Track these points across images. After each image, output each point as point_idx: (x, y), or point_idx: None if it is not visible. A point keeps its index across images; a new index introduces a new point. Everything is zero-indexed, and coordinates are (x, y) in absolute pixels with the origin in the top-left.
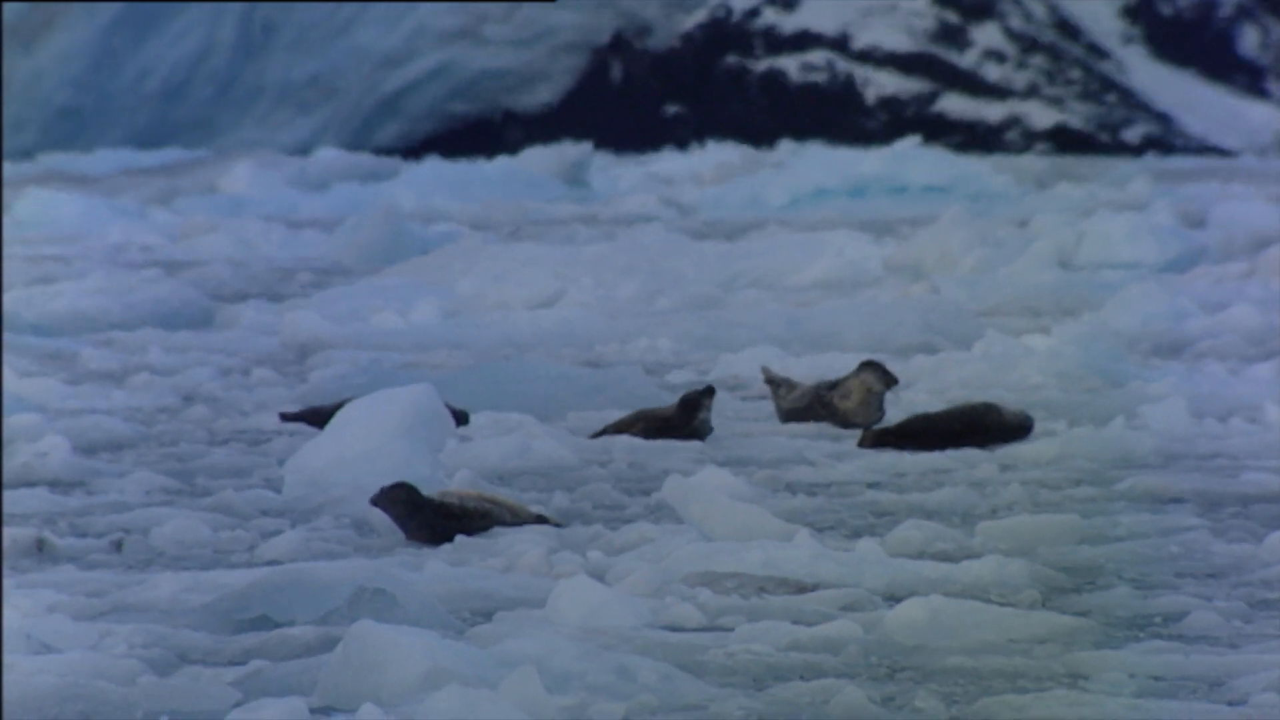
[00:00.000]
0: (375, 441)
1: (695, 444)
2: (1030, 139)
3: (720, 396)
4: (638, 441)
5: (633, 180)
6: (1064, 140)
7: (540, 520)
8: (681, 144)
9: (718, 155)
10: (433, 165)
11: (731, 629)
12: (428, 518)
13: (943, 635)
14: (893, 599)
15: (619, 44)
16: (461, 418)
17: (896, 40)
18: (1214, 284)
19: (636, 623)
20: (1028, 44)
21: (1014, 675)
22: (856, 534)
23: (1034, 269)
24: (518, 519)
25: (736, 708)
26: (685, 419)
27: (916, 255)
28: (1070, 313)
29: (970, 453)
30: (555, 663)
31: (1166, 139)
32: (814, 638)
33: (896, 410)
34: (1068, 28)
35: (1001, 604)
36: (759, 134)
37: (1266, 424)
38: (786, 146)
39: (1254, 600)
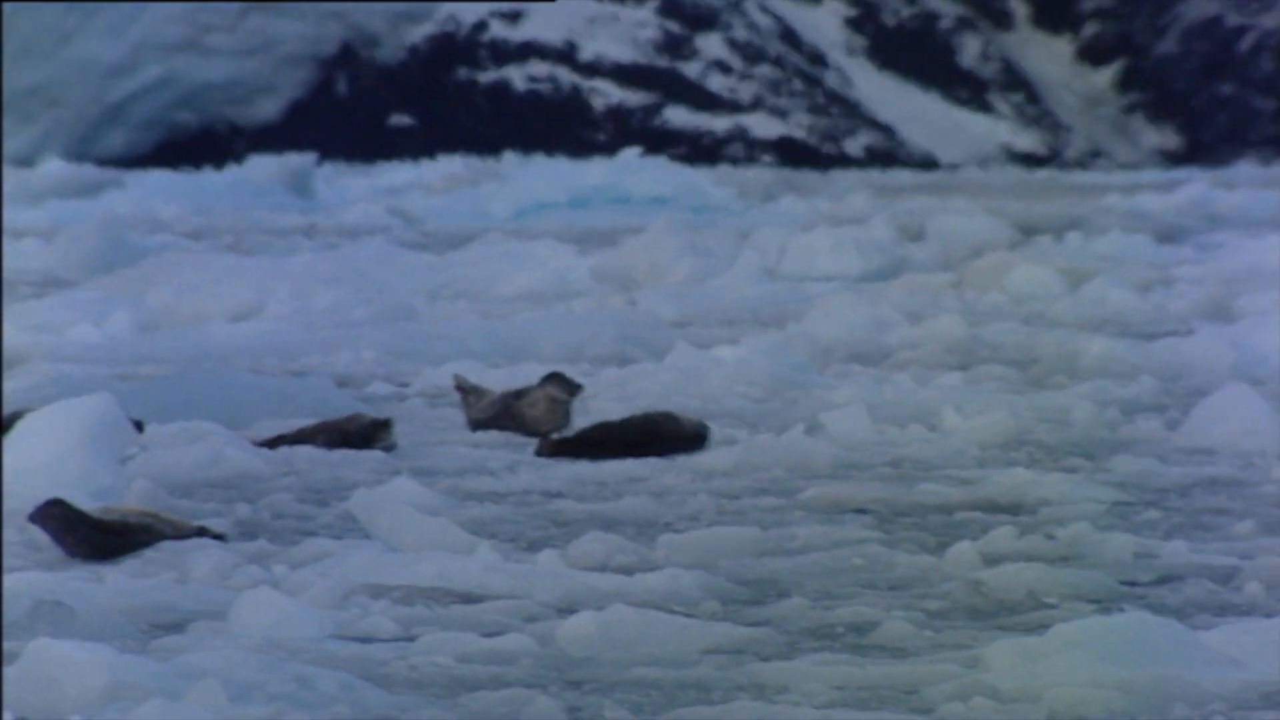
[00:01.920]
0: (53, 453)
1: (381, 455)
2: (755, 150)
3: (413, 406)
4: (323, 453)
5: (359, 191)
6: (788, 152)
7: (203, 533)
8: (409, 155)
9: (445, 167)
10: (157, 176)
11: (411, 640)
12: (85, 533)
13: (618, 647)
14: (568, 611)
15: (346, 56)
16: (137, 427)
17: (621, 51)
18: (920, 295)
19: (318, 634)
20: (752, 55)
21: (699, 686)
22: (539, 545)
23: (740, 280)
24: (180, 533)
25: (429, 718)
26: (364, 443)
27: (625, 266)
28: (768, 323)
29: (654, 462)
30: (237, 675)
31: (890, 151)
32: (488, 650)
33: (585, 419)
34: (792, 39)
35: (681, 615)
36: (486, 145)
37: (945, 431)
38: (512, 158)
39: (936, 611)
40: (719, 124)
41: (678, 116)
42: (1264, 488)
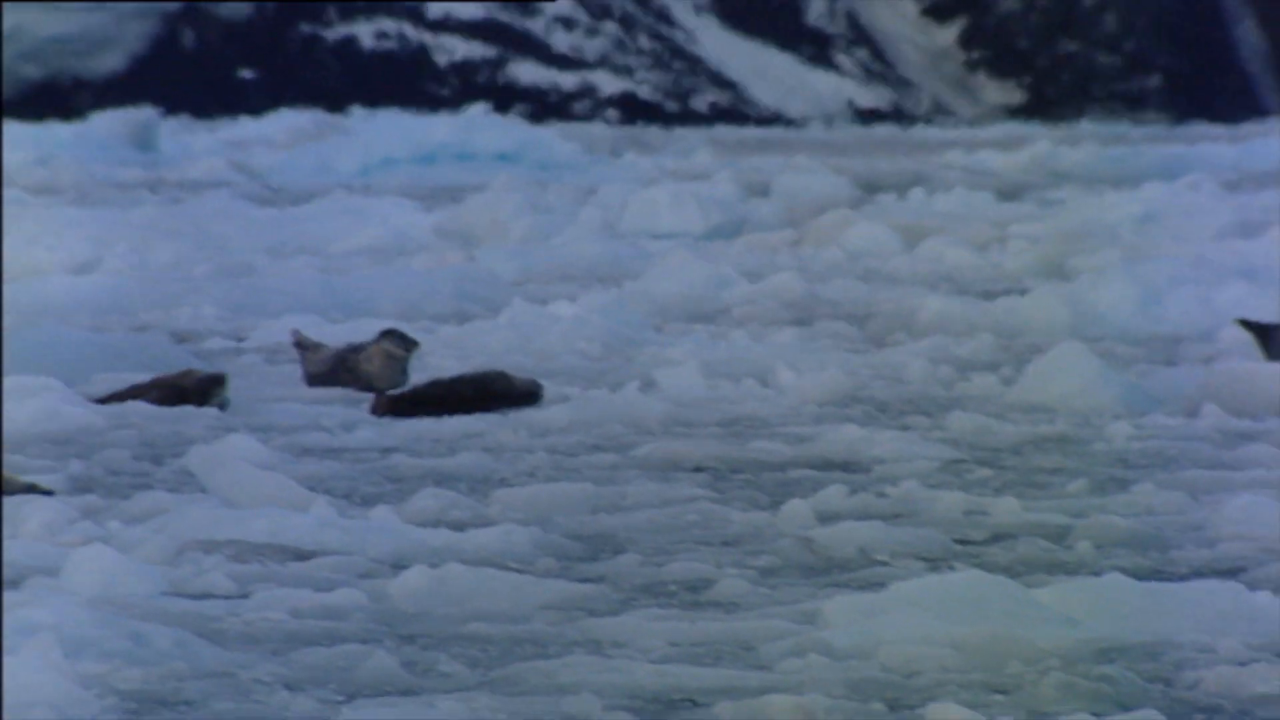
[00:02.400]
0: None
1: (216, 411)
2: (600, 107)
3: (250, 361)
4: (159, 409)
5: (204, 145)
6: (633, 108)
7: (32, 489)
8: (255, 110)
9: (290, 121)
10: None
11: (245, 596)
12: None
13: (451, 603)
14: (402, 567)
15: (191, 9)
16: None
17: (467, 7)
18: (760, 252)
19: (152, 590)
20: (598, 11)
21: (534, 642)
22: (373, 501)
23: (581, 238)
24: (9, 489)
25: (265, 674)
26: (198, 399)
27: (467, 223)
28: (606, 281)
29: (489, 418)
30: (71, 631)
31: (736, 108)
32: (321, 606)
33: (423, 375)
34: None
35: (515, 571)
36: (333, 100)
37: (780, 388)
38: (359, 113)
39: (770, 568)
40: (565, 80)
41: (524, 72)
42: (1096, 446)
